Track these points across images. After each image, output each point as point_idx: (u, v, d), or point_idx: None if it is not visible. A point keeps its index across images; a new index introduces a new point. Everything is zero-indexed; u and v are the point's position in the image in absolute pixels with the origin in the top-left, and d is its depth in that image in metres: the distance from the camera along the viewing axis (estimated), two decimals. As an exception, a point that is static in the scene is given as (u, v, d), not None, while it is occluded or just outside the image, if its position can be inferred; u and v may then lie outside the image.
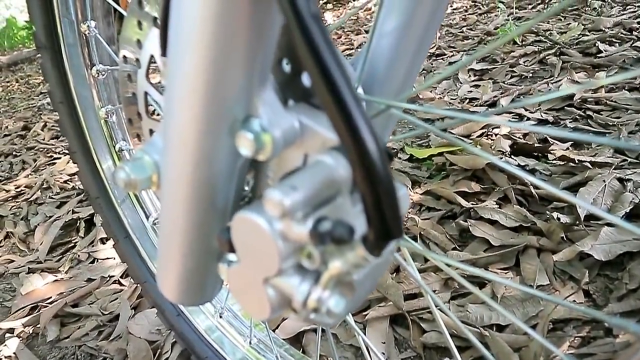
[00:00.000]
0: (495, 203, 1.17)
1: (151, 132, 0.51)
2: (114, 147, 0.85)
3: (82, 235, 1.56)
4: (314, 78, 0.26)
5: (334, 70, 0.25)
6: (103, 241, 1.49)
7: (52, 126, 2.93)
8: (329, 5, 5.39)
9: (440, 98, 1.96)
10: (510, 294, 0.92)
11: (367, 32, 3.60)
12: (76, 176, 1.98)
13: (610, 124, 1.43)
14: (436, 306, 0.50)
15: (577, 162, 1.25)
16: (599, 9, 2.56)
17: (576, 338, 0.82)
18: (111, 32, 0.78)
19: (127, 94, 0.52)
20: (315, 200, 0.28)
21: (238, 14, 0.28)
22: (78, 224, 1.61)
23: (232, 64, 0.30)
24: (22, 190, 2.07)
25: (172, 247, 0.40)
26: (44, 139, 2.75)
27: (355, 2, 5.28)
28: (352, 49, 3.24)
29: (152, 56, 0.46)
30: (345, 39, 3.56)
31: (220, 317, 0.86)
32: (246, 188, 0.39)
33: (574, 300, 0.89)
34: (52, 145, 2.61)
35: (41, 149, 2.58)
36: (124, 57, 0.50)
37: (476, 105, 1.80)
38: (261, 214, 0.28)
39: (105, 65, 0.79)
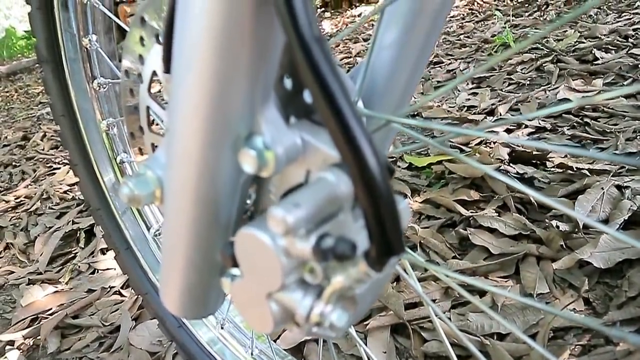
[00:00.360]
0: (494, 211, 1.18)
1: (153, 145, 0.51)
2: (115, 159, 0.85)
3: (82, 246, 1.56)
4: (315, 97, 0.27)
5: (334, 90, 0.26)
6: (103, 252, 1.48)
7: (52, 136, 2.94)
8: (327, 14, 5.42)
9: (439, 106, 1.97)
10: (511, 302, 0.92)
11: (365, 40, 3.62)
12: (76, 186, 1.98)
13: (608, 131, 1.44)
14: (436, 315, 0.51)
15: (575, 169, 1.25)
16: (595, 17, 2.58)
17: (577, 346, 0.82)
18: (112, 46, 0.79)
19: (129, 108, 0.53)
20: (317, 217, 0.29)
21: (241, 32, 0.28)
22: (78, 235, 1.61)
23: (235, 81, 0.30)
24: (21, 200, 2.07)
25: (175, 260, 0.40)
26: (43, 149, 2.75)
27: (353, 10, 5.32)
28: (350, 57, 3.26)
29: (154, 72, 0.47)
30: (344, 47, 3.58)
31: (222, 328, 0.86)
32: (248, 202, 0.40)
33: (574, 309, 0.89)
34: (52, 155, 2.61)
35: (41, 159, 2.58)
36: (126, 71, 0.51)
37: (474, 113, 1.81)
38: (265, 231, 0.29)
39: (106, 79, 0.80)
